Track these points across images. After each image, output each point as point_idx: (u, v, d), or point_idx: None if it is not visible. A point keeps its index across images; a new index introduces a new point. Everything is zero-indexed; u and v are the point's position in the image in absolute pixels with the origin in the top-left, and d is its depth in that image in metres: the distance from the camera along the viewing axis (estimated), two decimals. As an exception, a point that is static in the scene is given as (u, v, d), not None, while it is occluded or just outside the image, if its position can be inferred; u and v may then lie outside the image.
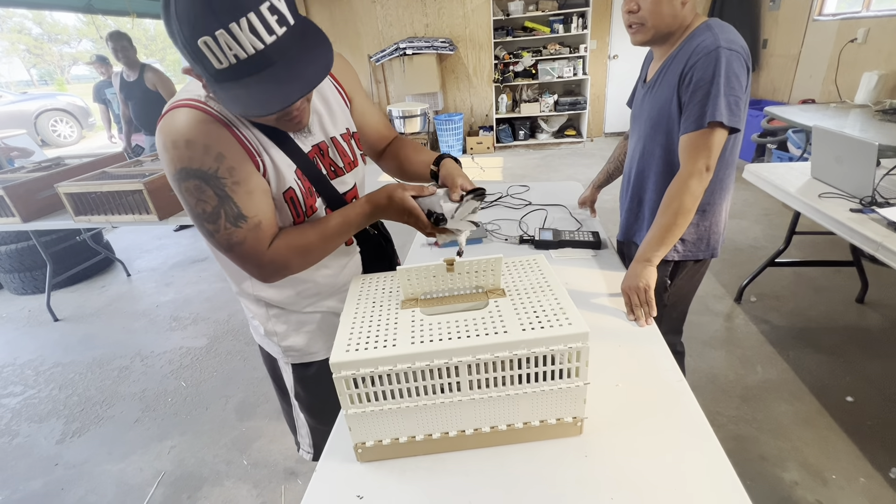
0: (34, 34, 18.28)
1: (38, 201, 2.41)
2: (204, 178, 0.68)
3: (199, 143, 0.67)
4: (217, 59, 0.58)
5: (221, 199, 0.70)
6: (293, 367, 1.01)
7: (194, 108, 0.68)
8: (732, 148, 1.11)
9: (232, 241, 0.73)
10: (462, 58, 5.78)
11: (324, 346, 0.98)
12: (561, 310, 0.70)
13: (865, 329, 2.11)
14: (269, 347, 1.01)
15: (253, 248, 0.74)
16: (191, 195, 0.69)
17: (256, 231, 0.74)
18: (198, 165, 0.67)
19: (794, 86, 4.38)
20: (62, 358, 2.51)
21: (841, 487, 1.42)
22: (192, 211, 0.71)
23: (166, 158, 0.68)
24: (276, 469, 1.70)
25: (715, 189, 1.15)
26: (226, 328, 2.63)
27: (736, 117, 0.99)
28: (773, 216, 3.32)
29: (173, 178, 0.69)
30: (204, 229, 0.73)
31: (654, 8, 1.03)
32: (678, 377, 0.86)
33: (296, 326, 0.95)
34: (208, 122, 0.68)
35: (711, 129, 1.00)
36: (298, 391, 1.05)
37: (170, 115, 0.68)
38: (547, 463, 0.71)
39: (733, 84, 0.98)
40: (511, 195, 1.92)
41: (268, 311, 0.93)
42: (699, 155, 1.02)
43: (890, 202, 1.53)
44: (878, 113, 2.70)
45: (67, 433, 1.97)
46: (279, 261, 0.77)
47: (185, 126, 0.67)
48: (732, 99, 0.98)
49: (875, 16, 3.43)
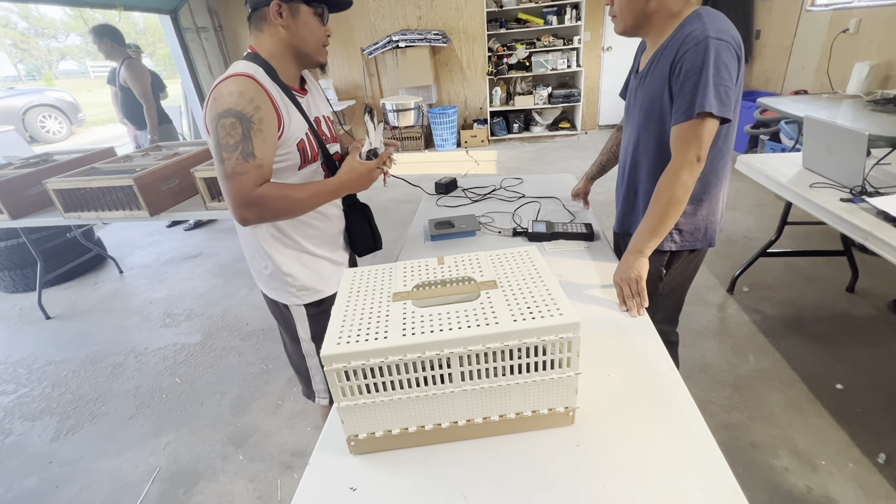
0: (20, 28, 17.94)
1: (26, 198, 2.38)
2: (240, 118, 0.92)
3: (246, 95, 0.93)
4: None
5: (245, 138, 0.93)
6: (306, 307, 1.19)
7: (248, 77, 0.95)
8: (726, 137, 1.10)
9: (237, 171, 0.93)
10: (455, 50, 5.74)
11: (327, 284, 1.19)
12: (552, 300, 0.70)
13: (855, 318, 2.14)
14: (282, 293, 1.17)
15: (248, 182, 0.94)
16: (223, 128, 0.92)
17: (258, 170, 0.95)
18: (240, 109, 0.92)
19: (786, 77, 4.39)
20: (55, 356, 2.49)
21: (830, 473, 1.44)
22: (219, 141, 0.93)
23: (218, 102, 0.92)
24: (273, 463, 1.70)
25: (710, 179, 1.14)
26: (220, 324, 2.62)
27: (726, 107, 0.98)
28: (765, 207, 3.34)
29: (218, 115, 0.92)
30: (220, 156, 0.94)
31: (621, 3, 1.07)
32: (670, 367, 0.87)
33: (307, 267, 1.16)
34: (257, 87, 0.95)
35: (702, 119, 0.99)
36: (314, 331, 1.22)
37: (230, 78, 0.94)
38: (540, 453, 0.72)
39: (722, 74, 0.97)
40: (505, 188, 1.91)
41: (286, 255, 1.13)
42: (690, 145, 1.02)
43: (880, 191, 1.54)
44: (870, 103, 2.71)
45: (61, 431, 1.97)
46: (261, 201, 0.96)
47: (240, 84, 0.93)
48: (722, 89, 0.97)
49: (867, 6, 3.43)
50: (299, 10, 0.98)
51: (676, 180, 1.04)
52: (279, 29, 0.99)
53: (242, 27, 5.83)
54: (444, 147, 5.79)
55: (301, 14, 0.98)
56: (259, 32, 1.01)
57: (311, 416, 1.89)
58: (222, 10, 5.75)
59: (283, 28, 0.99)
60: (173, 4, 4.94)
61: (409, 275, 0.83)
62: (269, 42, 1.01)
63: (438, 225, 1.53)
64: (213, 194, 2.12)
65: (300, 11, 0.98)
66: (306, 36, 1.01)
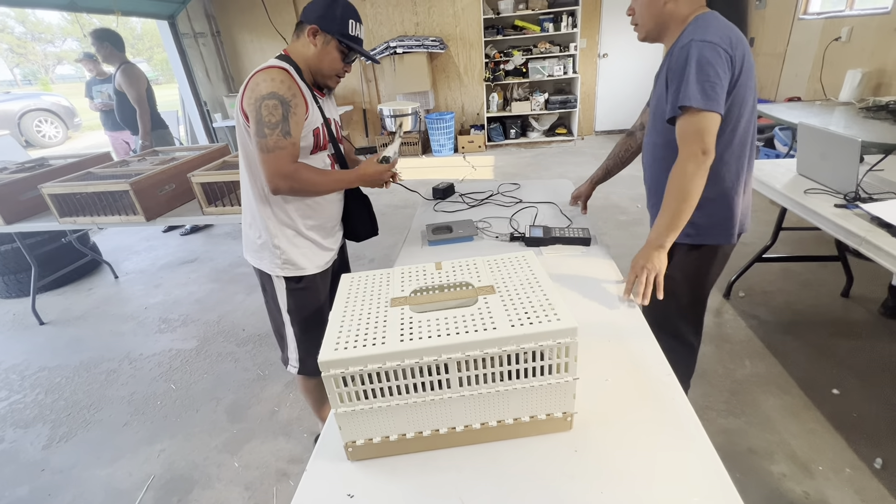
0: (17, 33, 17.93)
1: (21, 203, 2.37)
2: (282, 101, 1.09)
3: (286, 82, 1.11)
4: (351, 29, 1.18)
5: (284, 118, 1.09)
6: (286, 280, 1.31)
7: (284, 70, 1.13)
8: (733, 132, 1.12)
9: (278, 145, 1.10)
10: (453, 56, 5.78)
11: (309, 264, 1.32)
12: (550, 305, 0.70)
13: (850, 323, 2.15)
14: (267, 263, 1.29)
15: (286, 156, 1.12)
16: (267, 109, 1.08)
17: (292, 147, 1.13)
18: (282, 93, 1.09)
19: (780, 83, 4.44)
20: (48, 362, 2.46)
21: (827, 479, 1.44)
22: (262, 120, 1.08)
23: (261, 86, 1.08)
24: (268, 470, 1.68)
25: (724, 174, 1.16)
26: (216, 329, 2.60)
27: (712, 101, 1.02)
28: (760, 212, 3.36)
29: (262, 97, 1.07)
30: (262, 132, 1.09)
31: (642, 10, 1.16)
32: (667, 371, 0.87)
33: (295, 246, 1.28)
34: (291, 78, 1.13)
35: (691, 113, 1.04)
36: (290, 304, 1.34)
37: (268, 69, 1.11)
38: (538, 458, 0.71)
39: (706, 70, 1.02)
40: (502, 193, 1.92)
41: (281, 231, 1.26)
42: (689, 139, 1.06)
43: (873, 198, 1.56)
44: (862, 110, 2.75)
45: (54, 438, 1.94)
46: (296, 175, 1.14)
47: (279, 74, 1.11)
48: (707, 85, 1.01)
49: (858, 14, 3.49)
50: (330, 42, 1.17)
51: (682, 173, 1.07)
52: (310, 46, 1.18)
53: (240, 33, 5.85)
54: (442, 152, 5.81)
55: (330, 45, 1.18)
56: (297, 39, 1.21)
57: (308, 422, 1.88)
58: (220, 15, 5.77)
59: (312, 46, 1.18)
60: (171, 10, 4.96)
61: (406, 280, 0.83)
62: (300, 50, 1.20)
63: (436, 230, 1.53)
64: (210, 199, 2.11)
65: (330, 43, 1.17)
66: (325, 63, 1.20)
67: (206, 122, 5.64)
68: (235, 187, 2.12)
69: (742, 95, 1.09)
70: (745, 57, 1.07)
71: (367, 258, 3.19)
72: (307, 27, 1.16)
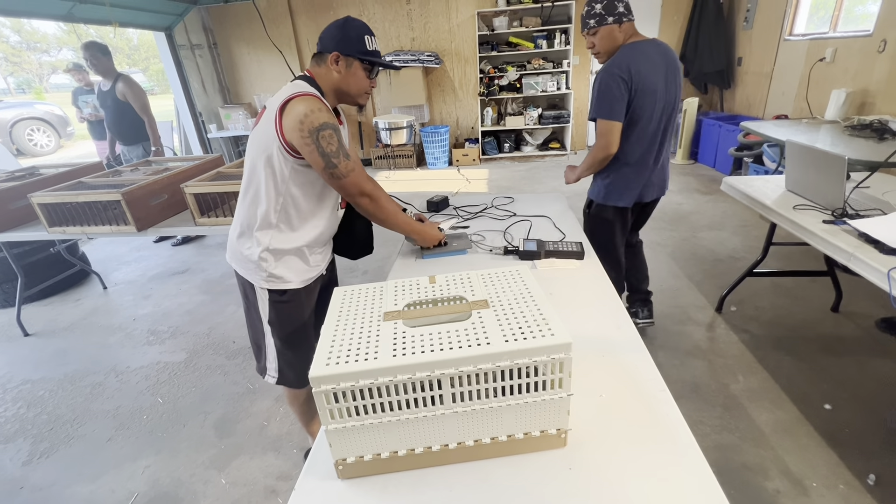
0: (12, 42, 17.91)
1: (9, 212, 2.34)
2: (335, 129, 1.13)
3: (328, 112, 1.14)
4: (368, 45, 1.20)
5: (340, 144, 1.15)
6: (269, 292, 1.30)
7: (318, 98, 1.15)
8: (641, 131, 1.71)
9: (349, 168, 1.16)
10: (448, 71, 5.86)
11: (296, 278, 1.30)
12: (544, 320, 0.70)
13: (840, 337, 2.16)
14: (252, 274, 1.28)
15: (362, 173, 1.20)
16: (324, 139, 1.11)
17: (359, 164, 1.21)
18: (332, 122, 1.13)
19: (767, 102, 4.54)
20: (31, 374, 2.41)
21: (822, 495, 1.43)
22: (325, 151, 1.12)
23: (312, 117, 1.09)
24: (256, 487, 1.64)
25: (628, 159, 1.77)
26: (206, 342, 2.56)
27: (613, 113, 1.65)
28: (750, 227, 3.41)
29: (317, 128, 1.10)
30: (331, 163, 1.13)
31: (601, 43, 1.69)
32: (661, 387, 0.87)
33: (284, 261, 1.28)
34: (325, 105, 1.15)
35: (601, 122, 1.68)
36: (272, 316, 1.33)
37: (307, 97, 1.11)
38: (531, 476, 0.70)
39: (604, 92, 1.64)
40: (496, 206, 1.93)
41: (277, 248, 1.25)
42: (600, 137, 1.71)
43: (860, 214, 1.59)
44: (847, 129, 2.81)
45: (35, 454, 1.88)
46: (375, 193, 1.24)
47: (318, 102, 1.12)
48: (606, 103, 1.64)
49: (842, 36, 3.60)
50: (353, 64, 1.19)
51: (595, 155, 1.76)
52: (333, 73, 1.20)
53: (237, 45, 5.89)
54: (436, 165, 5.85)
55: (353, 67, 1.20)
56: (318, 67, 1.22)
57: (298, 437, 1.84)
58: (217, 27, 5.81)
59: (336, 73, 1.20)
60: (168, 22, 4.99)
61: (399, 294, 0.82)
62: (325, 77, 1.21)
63: (430, 243, 1.53)
64: (203, 210, 2.10)
65: (353, 65, 1.20)
66: (352, 84, 1.22)
67: (200, 133, 5.64)
68: (229, 198, 2.11)
69: (641, 105, 1.65)
70: (642, 80, 1.61)
71: (360, 270, 3.17)
72: (328, 55, 1.18)
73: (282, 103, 1.11)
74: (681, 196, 4.15)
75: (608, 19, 1.63)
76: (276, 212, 1.22)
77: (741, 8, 4.86)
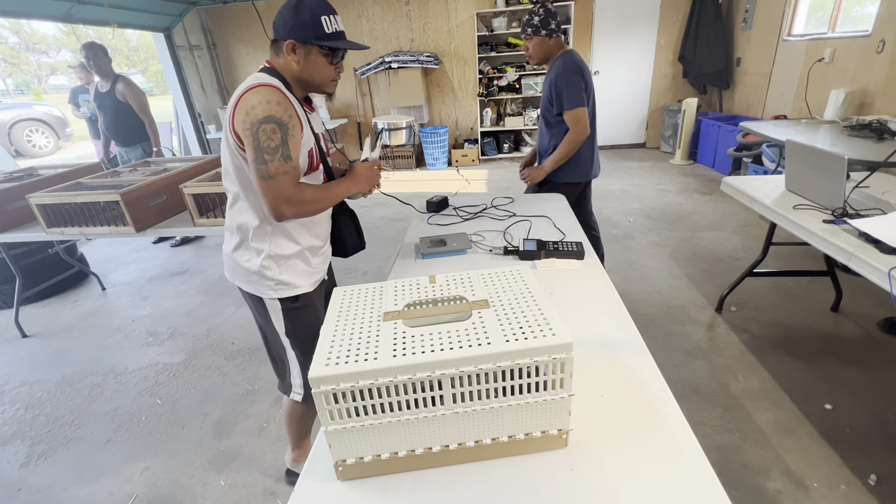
0: (11, 43, 17.89)
1: (7, 213, 2.33)
2: (279, 124, 1.03)
3: (283, 104, 1.04)
4: (327, 27, 1.08)
5: (283, 142, 1.03)
6: (281, 301, 1.24)
7: (276, 88, 1.06)
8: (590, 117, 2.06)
9: (278, 171, 1.04)
10: (447, 72, 5.86)
11: (304, 282, 1.26)
12: (545, 320, 0.70)
13: (841, 337, 2.16)
14: (259, 287, 1.22)
15: (288, 181, 1.06)
16: (265, 133, 1.01)
17: (294, 171, 1.08)
18: (279, 116, 1.02)
19: (766, 102, 4.55)
20: (30, 376, 2.40)
21: (823, 496, 1.43)
22: (260, 145, 1.02)
23: (256, 109, 1.01)
24: (255, 489, 1.64)
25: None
26: (205, 343, 2.55)
27: (581, 101, 1.97)
28: (750, 227, 3.41)
29: (259, 121, 1.01)
30: (262, 159, 1.03)
31: (535, 52, 2.05)
32: (662, 387, 0.86)
33: (288, 266, 1.22)
34: (284, 97, 1.06)
35: (574, 111, 1.97)
36: (288, 325, 1.27)
37: (261, 87, 1.03)
38: (533, 477, 0.70)
39: (571, 86, 1.95)
40: (496, 206, 1.92)
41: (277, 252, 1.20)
42: (575, 125, 1.99)
43: (860, 213, 1.59)
44: (846, 129, 2.81)
45: (32, 456, 1.87)
46: (299, 197, 1.09)
47: (272, 94, 1.03)
48: (575, 95, 1.95)
49: (840, 37, 3.60)
50: (311, 51, 1.10)
51: (574, 141, 2.02)
52: (291, 63, 1.11)
53: (236, 45, 5.89)
54: (436, 166, 5.85)
55: (312, 54, 1.10)
56: (276, 56, 1.13)
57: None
58: (216, 28, 5.81)
59: (294, 63, 1.11)
60: (167, 23, 4.99)
61: (400, 294, 0.82)
62: (283, 66, 1.13)
63: (430, 243, 1.53)
64: (202, 210, 2.09)
65: (312, 52, 1.10)
66: (314, 73, 1.13)
67: (199, 134, 5.63)
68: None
69: (589, 95, 2.01)
70: (586, 74, 1.99)
71: (359, 271, 3.16)
72: (283, 44, 1.08)
73: (238, 97, 1.04)
74: (680, 196, 4.15)
75: (542, 31, 1.98)
76: (264, 216, 1.15)
77: (740, 8, 4.86)
